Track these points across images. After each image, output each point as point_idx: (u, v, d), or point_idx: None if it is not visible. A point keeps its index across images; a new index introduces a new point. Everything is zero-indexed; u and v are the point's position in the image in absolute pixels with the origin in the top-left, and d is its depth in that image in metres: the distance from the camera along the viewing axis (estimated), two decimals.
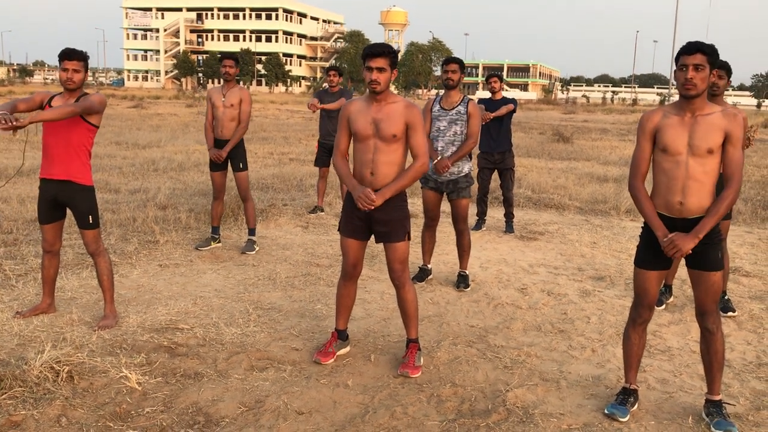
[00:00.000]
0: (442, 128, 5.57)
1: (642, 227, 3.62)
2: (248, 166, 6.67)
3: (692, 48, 3.21)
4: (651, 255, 3.52)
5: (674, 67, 3.33)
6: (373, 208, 3.82)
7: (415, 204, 9.09)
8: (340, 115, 4.05)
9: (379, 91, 3.83)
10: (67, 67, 4.35)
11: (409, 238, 4.05)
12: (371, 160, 3.89)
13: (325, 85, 8.65)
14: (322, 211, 8.73)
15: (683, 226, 3.37)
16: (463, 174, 5.63)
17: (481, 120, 7.43)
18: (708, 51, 3.20)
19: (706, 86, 3.26)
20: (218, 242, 6.79)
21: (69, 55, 4.34)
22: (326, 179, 8.80)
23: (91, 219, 4.52)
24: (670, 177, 3.37)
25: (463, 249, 5.81)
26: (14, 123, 3.73)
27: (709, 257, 3.38)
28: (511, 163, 8.03)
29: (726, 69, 4.81)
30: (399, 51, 4.49)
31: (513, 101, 7.96)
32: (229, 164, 6.58)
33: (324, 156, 8.66)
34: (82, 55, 4.39)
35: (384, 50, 3.79)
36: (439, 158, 5.50)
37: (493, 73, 8.12)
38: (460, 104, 5.56)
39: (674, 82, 3.33)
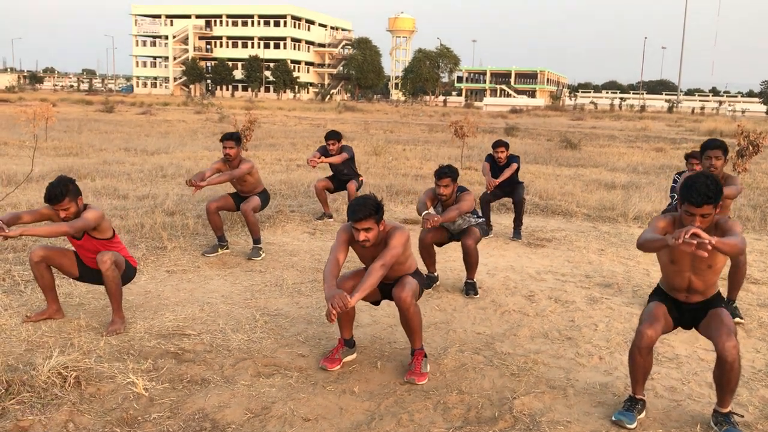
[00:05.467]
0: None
1: (649, 296, 3.80)
2: (265, 200, 6.92)
3: (700, 201, 3.28)
4: (662, 313, 3.60)
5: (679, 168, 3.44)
6: (346, 309, 3.65)
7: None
8: (340, 236, 4.04)
9: (370, 246, 3.96)
10: (56, 209, 4.37)
11: (420, 282, 4.17)
12: None
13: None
14: (330, 217, 8.72)
15: (689, 309, 3.60)
16: (471, 224, 5.84)
17: (487, 188, 7.76)
18: (714, 200, 3.30)
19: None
20: (226, 248, 6.80)
21: (51, 200, 4.33)
22: (324, 188, 8.64)
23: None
24: (675, 279, 3.59)
25: (471, 265, 5.78)
26: (4, 232, 3.98)
27: (714, 312, 3.50)
28: (521, 194, 7.98)
29: (724, 149, 5.07)
30: (382, 204, 4.63)
31: (516, 159, 7.97)
32: (243, 199, 6.81)
33: (333, 181, 8.65)
34: (64, 193, 4.33)
35: (367, 213, 3.83)
36: (429, 211, 5.49)
37: (501, 141, 8.03)
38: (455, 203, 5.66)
39: (681, 89, 3.35)
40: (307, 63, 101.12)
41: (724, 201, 5.10)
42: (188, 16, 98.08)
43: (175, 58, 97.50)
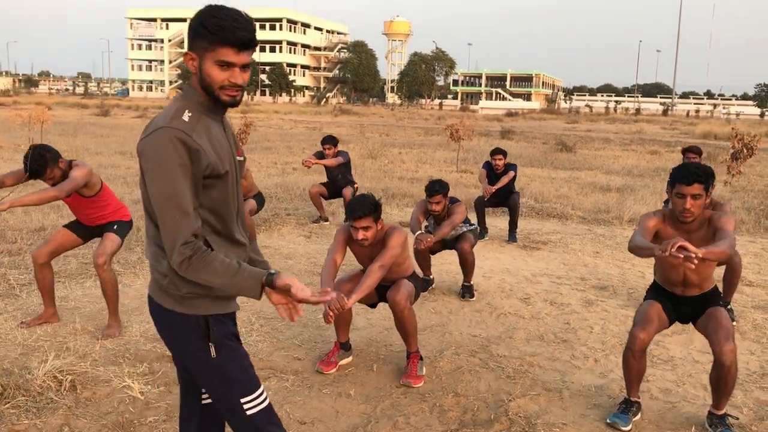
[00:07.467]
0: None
1: (646, 291, 3.78)
2: (261, 202, 6.95)
3: (690, 179, 3.26)
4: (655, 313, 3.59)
5: (672, 179, 3.43)
6: (343, 311, 3.69)
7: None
8: (338, 237, 4.07)
9: (368, 246, 3.97)
10: (44, 180, 4.38)
11: (417, 285, 4.20)
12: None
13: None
14: (326, 220, 8.73)
15: (686, 302, 3.59)
16: (463, 231, 5.83)
17: (484, 194, 7.81)
18: (704, 179, 3.27)
19: (702, 210, 3.36)
20: None
21: (34, 176, 4.29)
22: (318, 194, 8.67)
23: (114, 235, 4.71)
24: (670, 273, 3.58)
25: (467, 269, 5.78)
26: None
27: (712, 312, 3.49)
28: (516, 201, 7.97)
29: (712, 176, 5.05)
30: (380, 203, 4.58)
31: (513, 168, 8.02)
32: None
33: (329, 188, 8.66)
34: (44, 165, 4.25)
35: (366, 212, 3.86)
36: (422, 231, 5.47)
37: (499, 149, 8.06)
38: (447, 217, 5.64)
39: (676, 92, 3.37)
40: (302, 66, 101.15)
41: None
42: (184, 20, 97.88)
43: (170, 62, 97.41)
